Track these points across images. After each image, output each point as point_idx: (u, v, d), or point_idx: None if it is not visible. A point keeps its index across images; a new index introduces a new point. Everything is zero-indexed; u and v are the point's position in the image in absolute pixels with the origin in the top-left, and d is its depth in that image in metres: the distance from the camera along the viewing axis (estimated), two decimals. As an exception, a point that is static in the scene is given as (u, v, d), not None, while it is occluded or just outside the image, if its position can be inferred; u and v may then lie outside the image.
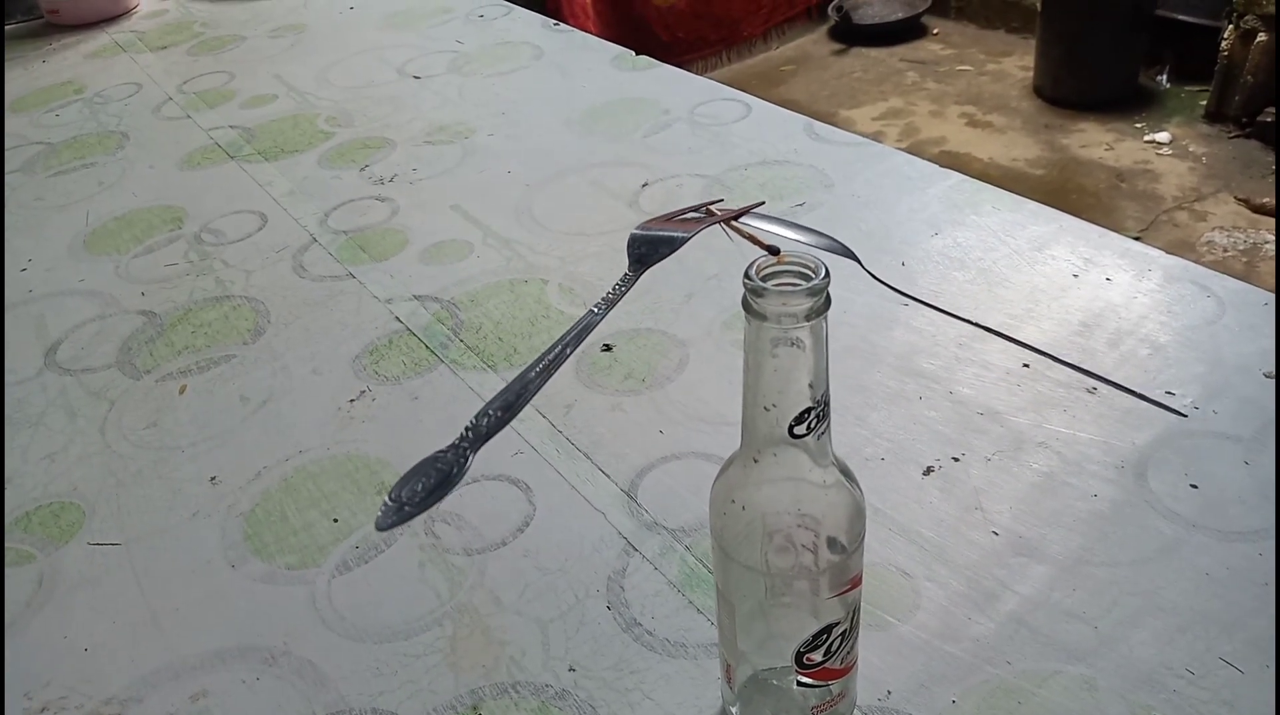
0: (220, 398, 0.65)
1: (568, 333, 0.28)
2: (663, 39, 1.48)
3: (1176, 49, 2.66)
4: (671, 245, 0.31)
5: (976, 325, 0.51)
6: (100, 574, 0.53)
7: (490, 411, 0.27)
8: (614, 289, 0.29)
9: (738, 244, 0.33)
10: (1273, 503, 0.50)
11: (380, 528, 0.26)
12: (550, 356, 0.27)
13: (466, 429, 0.26)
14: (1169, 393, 0.57)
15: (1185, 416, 0.55)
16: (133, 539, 0.55)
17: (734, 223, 0.32)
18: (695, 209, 0.33)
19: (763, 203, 0.32)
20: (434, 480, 0.26)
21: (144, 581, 0.53)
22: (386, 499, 0.26)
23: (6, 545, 0.56)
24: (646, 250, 0.31)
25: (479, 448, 0.26)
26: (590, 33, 1.21)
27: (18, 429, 0.64)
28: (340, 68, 1.14)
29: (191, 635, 0.49)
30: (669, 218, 0.33)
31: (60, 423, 0.64)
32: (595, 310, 0.28)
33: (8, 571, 0.54)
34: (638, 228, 0.32)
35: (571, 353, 0.28)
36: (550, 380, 0.28)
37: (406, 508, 0.26)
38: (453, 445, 0.26)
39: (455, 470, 0.26)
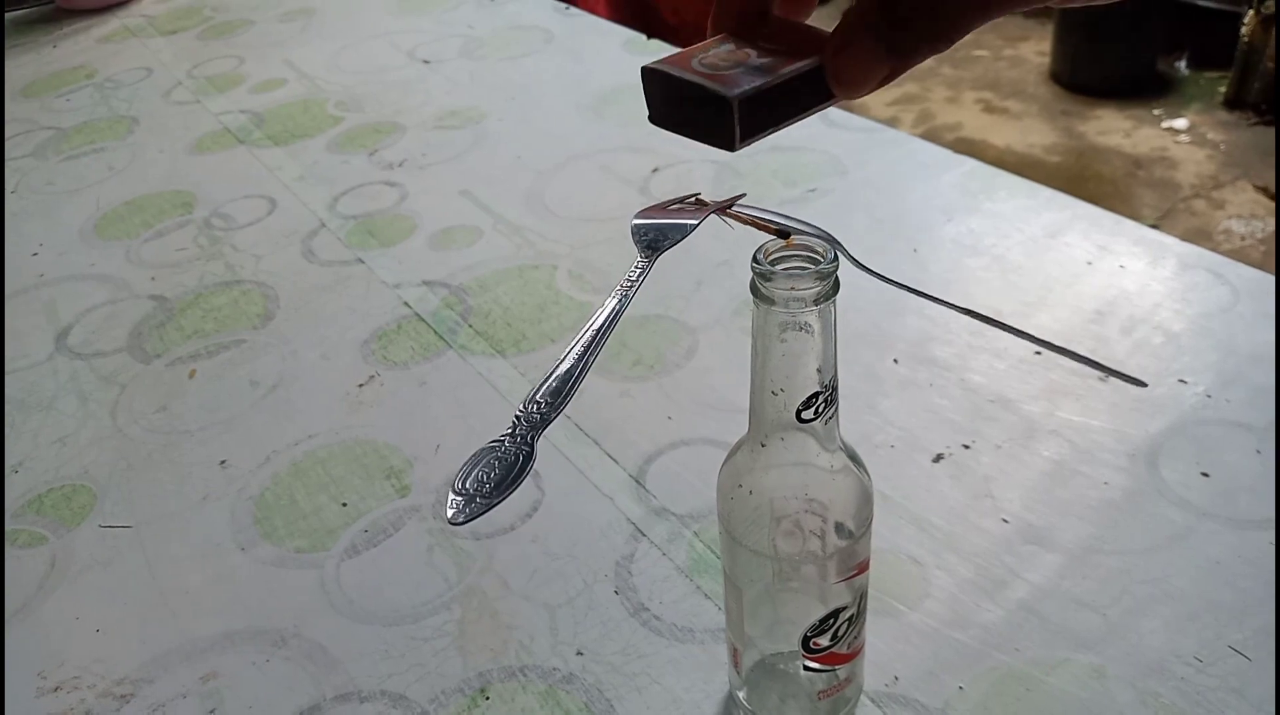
0: (230, 382, 0.65)
1: (595, 319, 0.27)
2: (669, 22, 1.47)
3: (1196, 34, 2.63)
4: (682, 231, 0.30)
5: (935, 300, 0.50)
6: (111, 556, 0.54)
7: (538, 398, 0.26)
8: (630, 276, 0.28)
9: (745, 231, 0.33)
10: (1286, 491, 0.50)
11: (455, 523, 0.24)
12: (584, 340, 0.27)
13: (517, 417, 0.25)
14: (1181, 381, 0.57)
15: (1145, 385, 0.54)
16: (143, 522, 0.56)
17: (732, 210, 0.32)
18: (680, 201, 0.33)
19: (744, 194, 0.32)
20: (499, 470, 0.25)
21: (154, 564, 0.53)
22: (451, 493, 0.24)
23: (19, 527, 0.56)
24: (655, 236, 0.30)
25: (539, 436, 0.25)
26: (599, 15, 1.21)
27: (29, 413, 0.65)
28: (350, 52, 1.14)
29: (202, 617, 0.50)
30: (662, 207, 0.33)
31: (71, 407, 0.65)
32: (618, 296, 0.28)
33: (21, 553, 0.54)
34: (636, 216, 0.32)
35: (605, 340, 0.27)
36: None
37: (479, 500, 0.24)
38: (508, 434, 0.25)
39: (521, 459, 0.25)
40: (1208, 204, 2.12)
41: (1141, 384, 0.53)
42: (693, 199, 0.33)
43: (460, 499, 0.24)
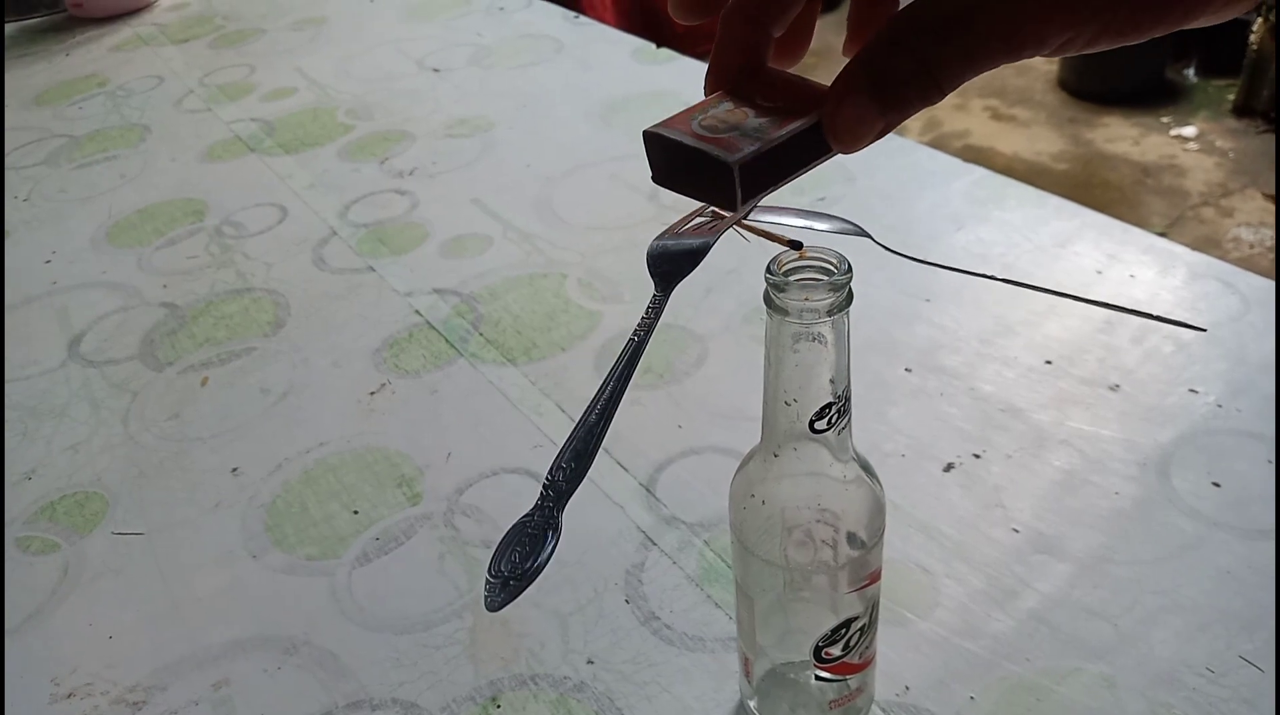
0: (241, 390, 0.66)
1: (616, 368, 0.27)
2: (678, 30, 1.49)
3: (1204, 42, 2.63)
4: (695, 258, 0.31)
5: (985, 276, 0.50)
6: (124, 563, 0.54)
7: (563, 465, 0.26)
8: (648, 313, 0.29)
9: (756, 241, 0.33)
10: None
11: (491, 608, 0.25)
12: (606, 395, 0.27)
13: (545, 487, 0.26)
14: (1192, 390, 0.57)
15: (1204, 330, 0.54)
16: (155, 529, 0.56)
17: (746, 221, 0.32)
18: (699, 213, 0.33)
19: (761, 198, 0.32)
20: (529, 547, 0.26)
21: (166, 571, 0.53)
22: (488, 576, 0.25)
23: (32, 534, 0.56)
24: (670, 267, 0.31)
25: (564, 505, 0.26)
26: (608, 23, 1.21)
27: (42, 420, 0.65)
28: (360, 60, 1.15)
29: (213, 624, 0.50)
30: (678, 227, 0.33)
31: (84, 414, 0.65)
32: (635, 338, 0.28)
33: (33, 560, 0.55)
34: (654, 242, 0.32)
35: (625, 387, 0.27)
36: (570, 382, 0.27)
37: (512, 582, 0.25)
38: (536, 507, 0.26)
39: (550, 532, 0.26)
40: (1216, 212, 2.11)
41: (1200, 329, 0.53)
42: (710, 211, 0.33)
43: (496, 582, 0.25)
